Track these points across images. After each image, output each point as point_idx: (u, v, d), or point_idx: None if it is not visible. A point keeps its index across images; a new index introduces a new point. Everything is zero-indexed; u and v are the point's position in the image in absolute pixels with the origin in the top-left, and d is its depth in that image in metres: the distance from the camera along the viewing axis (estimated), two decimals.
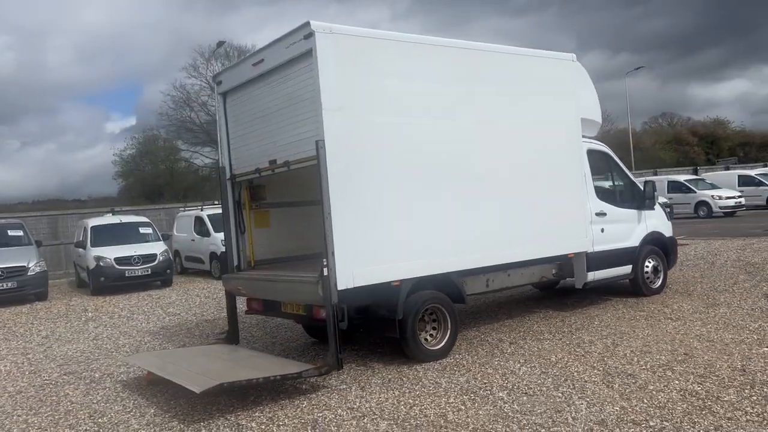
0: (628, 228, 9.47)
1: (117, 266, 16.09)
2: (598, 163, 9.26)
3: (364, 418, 5.40)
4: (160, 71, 72.51)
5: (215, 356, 7.18)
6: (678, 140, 72.63)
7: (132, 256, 16.29)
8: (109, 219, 18.56)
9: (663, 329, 7.59)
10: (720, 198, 27.94)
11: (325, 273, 6.23)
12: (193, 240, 19.24)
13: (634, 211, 9.62)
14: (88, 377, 7.71)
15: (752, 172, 33.69)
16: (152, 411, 6.17)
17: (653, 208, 9.92)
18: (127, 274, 16.15)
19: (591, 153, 9.05)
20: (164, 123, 51.90)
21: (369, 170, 6.59)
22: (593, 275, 8.84)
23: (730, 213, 27.66)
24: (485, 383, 6.07)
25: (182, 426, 5.65)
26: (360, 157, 6.52)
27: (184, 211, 21.35)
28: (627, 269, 9.38)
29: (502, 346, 7.45)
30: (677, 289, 10.12)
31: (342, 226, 6.31)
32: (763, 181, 32.06)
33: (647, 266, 9.67)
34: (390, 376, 6.57)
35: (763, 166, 40.05)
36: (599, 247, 8.85)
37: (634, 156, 51.64)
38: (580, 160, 8.71)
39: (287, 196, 8.59)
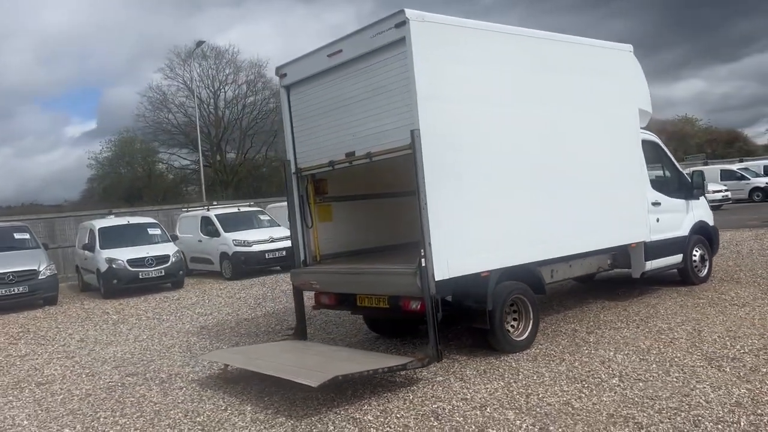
0: (679, 217, 9.60)
1: (130, 268, 15.71)
2: (650, 153, 9.35)
3: (485, 408, 5.34)
4: (122, 74, 71.29)
5: (298, 351, 7.05)
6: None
7: (145, 257, 15.93)
8: (116, 220, 18.12)
9: (736, 315, 7.70)
10: (708, 192, 28.58)
11: (423, 264, 6.16)
12: (199, 241, 18.91)
13: (683, 201, 9.76)
14: (154, 378, 7.49)
15: (734, 167, 34.62)
16: (249, 408, 6.01)
17: (699, 198, 10.08)
18: (141, 276, 15.79)
19: (644, 143, 9.14)
20: (140, 125, 50.94)
21: (461, 160, 6.54)
22: (650, 264, 8.94)
23: (717, 206, 28.32)
24: (589, 371, 6.06)
25: (293, 422, 5.52)
26: (452, 146, 6.46)
27: (188, 211, 20.97)
28: (678, 258, 9.50)
29: (580, 335, 7.46)
30: (721, 277, 10.29)
31: (438, 216, 6.24)
32: (745, 175, 32.97)
33: (695, 255, 9.81)
34: (482, 368, 6.51)
35: (739, 161, 41.08)
36: (655, 237, 8.95)
37: None
38: (639, 149, 8.80)
39: (348, 190, 8.47)
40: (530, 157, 7.24)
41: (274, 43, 73.28)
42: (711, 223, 10.26)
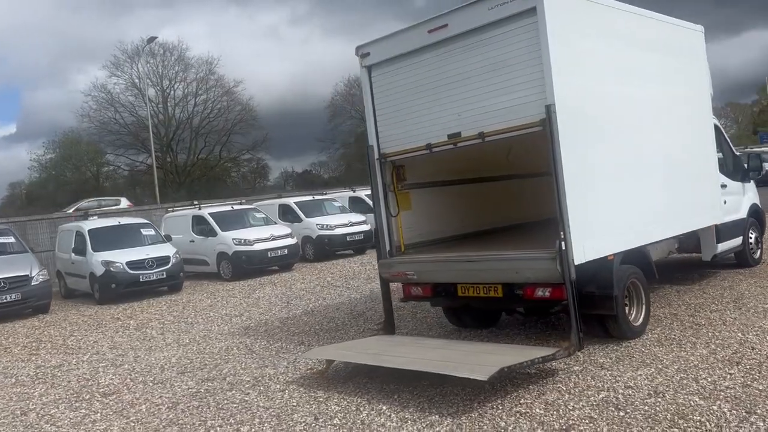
0: (739, 200, 9.63)
1: (130, 271, 14.69)
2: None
3: (663, 395, 5.05)
4: (43, 76, 67.81)
5: (411, 345, 6.59)
6: None
7: (145, 259, 14.93)
8: (106, 221, 16.95)
9: None
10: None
11: (563, 247, 5.82)
12: (192, 241, 17.94)
13: (740, 184, 9.81)
14: (239, 382, 6.86)
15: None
16: (385, 407, 5.53)
17: (750, 181, 10.17)
18: (141, 279, 14.79)
19: None
20: (86, 125, 48.55)
21: (589, 138, 6.24)
22: (721, 247, 8.90)
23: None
24: (735, 353, 5.88)
25: (450, 419, 5.08)
26: (584, 123, 6.16)
27: (173, 211, 19.93)
28: (739, 240, 9.52)
29: (684, 318, 7.30)
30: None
31: (574, 197, 5.93)
32: None
33: (751, 237, 9.88)
34: (613, 355, 6.20)
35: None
36: (724, 219, 8.92)
37: None
38: (713, 131, 8.76)
39: (426, 177, 8.05)
40: (646, 137, 7.07)
41: (207, 44, 71.52)
42: (760, 205, 10.37)
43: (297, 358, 7.48)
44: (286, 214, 20.19)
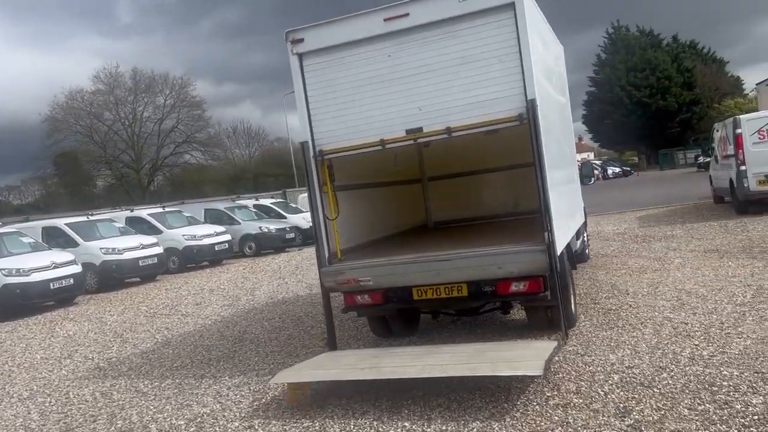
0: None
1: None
2: None
3: (665, 369, 5.40)
4: None
5: (386, 357, 5.98)
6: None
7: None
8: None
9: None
10: None
11: (548, 239, 5.93)
12: None
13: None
14: None
15: None
16: (407, 424, 4.97)
17: None
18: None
19: None
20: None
21: (547, 136, 6.39)
22: (578, 244, 9.96)
23: None
24: (679, 328, 6.59)
25: (478, 423, 4.77)
26: (544, 121, 6.24)
27: None
28: (584, 238, 10.80)
29: (591, 306, 7.97)
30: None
31: (552, 189, 6.11)
32: None
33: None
34: (575, 343, 6.47)
35: None
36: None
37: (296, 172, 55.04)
38: (573, 138, 9.81)
39: (352, 178, 7.57)
40: (559, 137, 7.61)
41: None
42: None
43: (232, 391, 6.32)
44: (54, 239, 17.50)
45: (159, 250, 17.67)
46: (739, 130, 14.14)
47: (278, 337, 8.80)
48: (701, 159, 43.21)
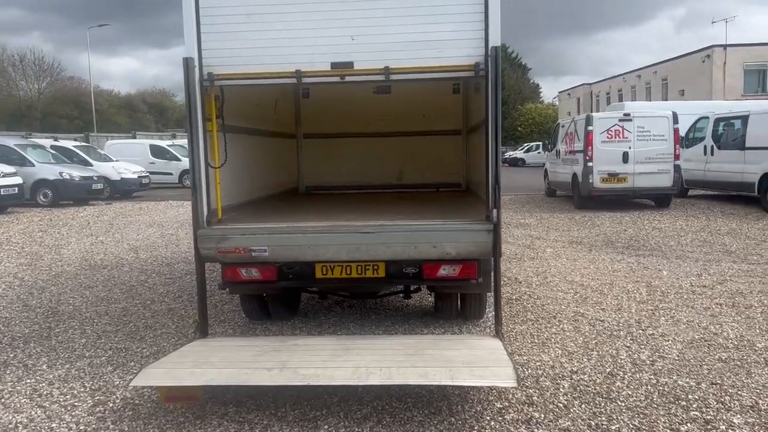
0: None
1: None
2: None
3: (618, 377, 4.76)
4: None
5: (286, 352, 4.56)
6: (131, 107, 73.93)
7: None
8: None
9: None
10: None
11: (495, 218, 4.95)
12: None
13: None
14: None
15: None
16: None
17: None
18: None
19: None
20: None
21: None
22: None
23: None
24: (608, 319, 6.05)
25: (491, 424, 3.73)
26: None
27: None
28: None
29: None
30: None
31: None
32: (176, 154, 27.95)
33: None
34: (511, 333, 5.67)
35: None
36: None
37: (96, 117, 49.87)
38: None
39: (236, 119, 5.96)
40: None
41: None
42: None
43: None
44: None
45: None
46: (591, 127, 14.54)
47: (108, 311, 6.92)
48: (508, 155, 47.31)
